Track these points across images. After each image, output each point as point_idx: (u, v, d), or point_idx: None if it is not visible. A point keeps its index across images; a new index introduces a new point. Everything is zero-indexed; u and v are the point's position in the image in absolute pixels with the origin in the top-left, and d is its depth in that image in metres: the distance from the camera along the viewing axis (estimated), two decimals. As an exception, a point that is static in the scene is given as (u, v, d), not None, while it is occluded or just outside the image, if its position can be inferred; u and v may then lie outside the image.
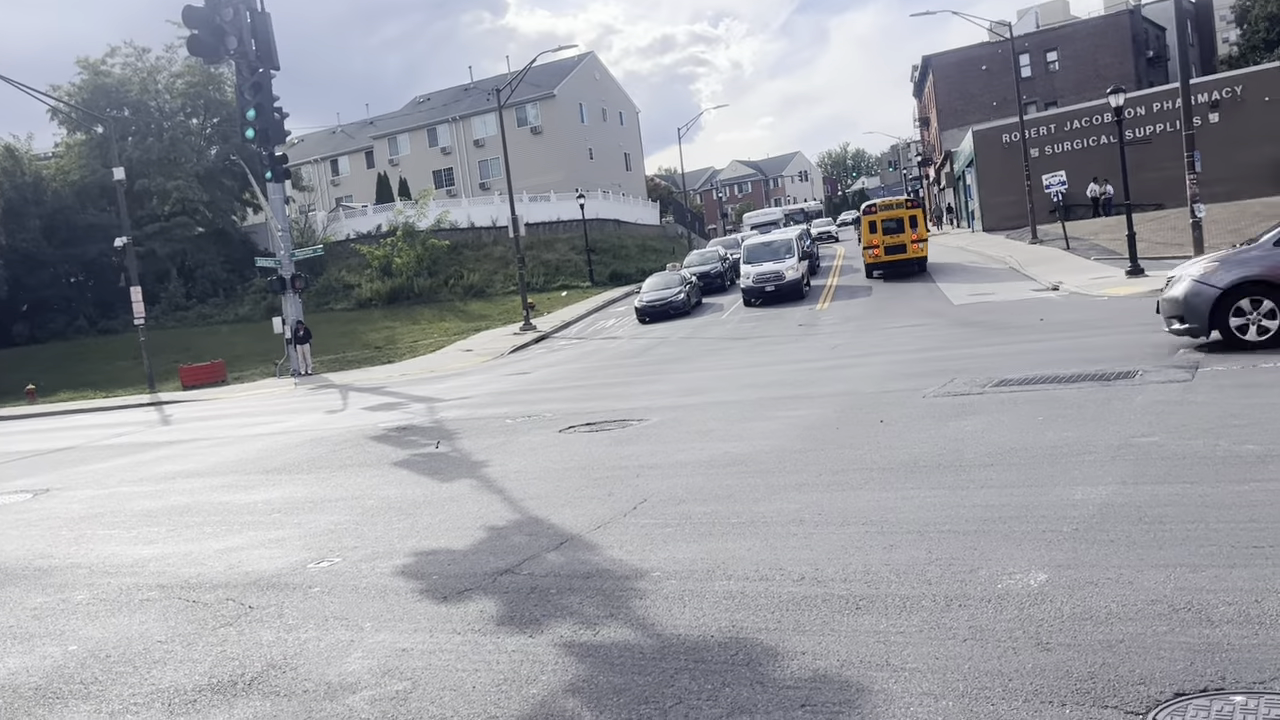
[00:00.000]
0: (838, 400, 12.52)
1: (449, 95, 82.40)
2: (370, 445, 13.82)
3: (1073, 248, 35.78)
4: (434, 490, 9.98)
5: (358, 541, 8.04)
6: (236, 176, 53.10)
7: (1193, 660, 4.15)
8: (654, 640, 5.11)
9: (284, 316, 33.48)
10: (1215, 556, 5.31)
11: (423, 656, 5.24)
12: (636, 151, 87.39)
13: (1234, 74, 48.99)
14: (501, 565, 6.82)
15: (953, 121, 68.49)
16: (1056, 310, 21.56)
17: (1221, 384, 10.23)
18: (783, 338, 24.20)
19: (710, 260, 42.83)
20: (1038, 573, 5.40)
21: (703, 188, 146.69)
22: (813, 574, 5.86)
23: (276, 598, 6.65)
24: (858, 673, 4.43)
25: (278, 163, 26.57)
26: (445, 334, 41.20)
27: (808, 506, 7.42)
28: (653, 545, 6.87)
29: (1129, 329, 16.39)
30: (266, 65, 19.06)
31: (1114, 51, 64.45)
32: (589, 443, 11.68)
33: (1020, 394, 11.21)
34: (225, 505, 10.43)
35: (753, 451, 9.84)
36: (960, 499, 7.11)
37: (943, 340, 18.83)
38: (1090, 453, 7.97)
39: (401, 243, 52.82)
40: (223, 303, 53.97)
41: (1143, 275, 25.52)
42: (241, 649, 5.69)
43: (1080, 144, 48.15)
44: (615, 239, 62.68)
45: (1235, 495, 6.36)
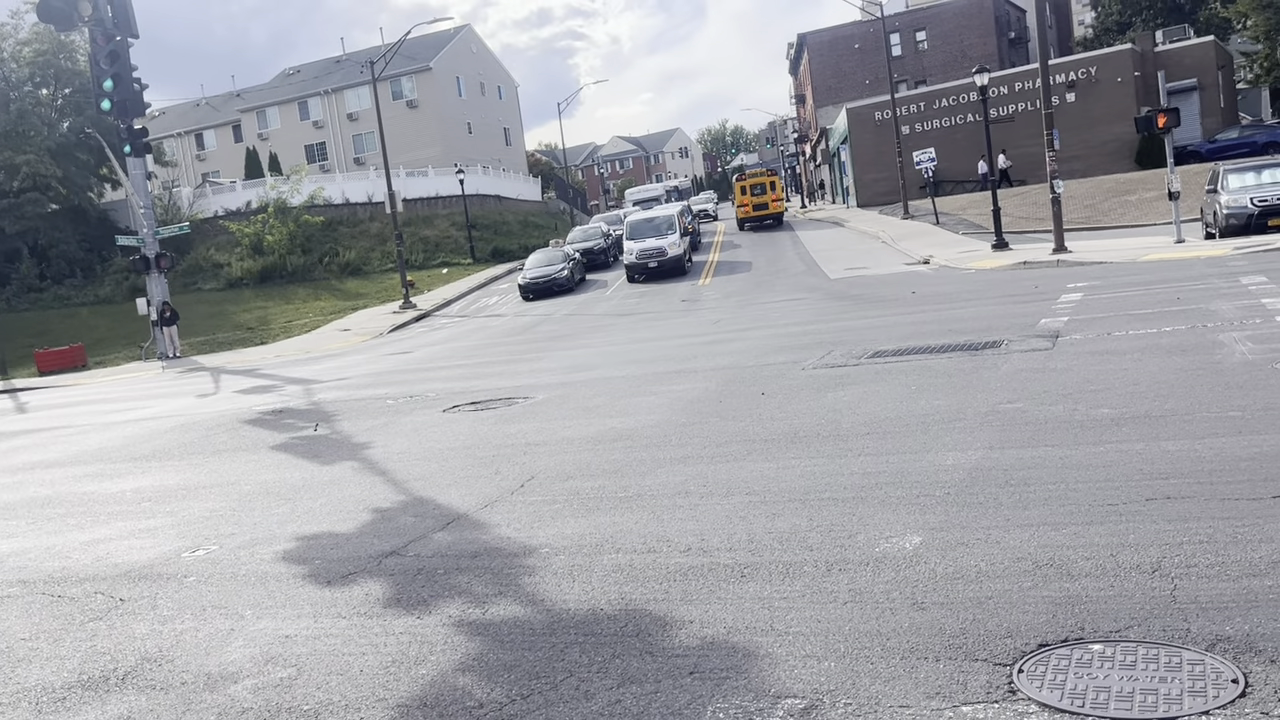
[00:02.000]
0: (720, 374, 12.72)
1: (320, 67, 79.80)
2: (245, 429, 13.40)
3: (942, 223, 37.08)
4: (314, 473, 9.76)
5: (235, 528, 7.81)
6: (93, 151, 50.31)
7: (1055, 613, 4.40)
8: (544, 616, 5.13)
9: (149, 297, 32.06)
10: (1075, 515, 5.62)
11: (307, 642, 5.14)
12: (516, 126, 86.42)
13: (1089, 55, 51.35)
14: (387, 547, 6.73)
15: (827, 99, 69.84)
16: (927, 283, 22.32)
17: (1079, 352, 10.78)
18: (666, 313, 24.40)
19: (593, 237, 42.80)
20: (913, 536, 5.62)
21: (584, 164, 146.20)
22: (699, 544, 5.96)
23: (149, 589, 6.42)
24: (744, 639, 4.54)
25: (137, 136, 25.40)
26: (321, 314, 40.12)
27: (693, 479, 7.54)
28: (541, 522, 6.88)
29: (995, 300, 17.11)
30: (124, 33, 18.12)
31: (978, 32, 66.72)
32: (474, 422, 11.59)
33: (894, 365, 11.59)
34: (90, 495, 9.97)
35: (638, 426, 9.93)
36: (839, 467, 7.33)
37: (820, 314, 19.29)
38: (960, 420, 8.32)
39: (273, 220, 51.08)
40: (81, 284, 51.25)
41: (1007, 249, 26.63)
42: (113, 643, 5.47)
43: (948, 122, 49.80)
44: (497, 215, 61.97)
45: (1092, 456, 6.73)
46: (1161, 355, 9.92)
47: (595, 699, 4.13)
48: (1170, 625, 4.15)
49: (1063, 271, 20.85)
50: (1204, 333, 10.86)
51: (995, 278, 21.73)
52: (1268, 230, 21.64)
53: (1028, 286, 18.41)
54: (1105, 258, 21.77)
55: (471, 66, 77.56)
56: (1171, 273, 17.52)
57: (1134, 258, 21.03)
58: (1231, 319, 11.55)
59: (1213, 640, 3.98)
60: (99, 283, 50.90)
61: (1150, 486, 5.92)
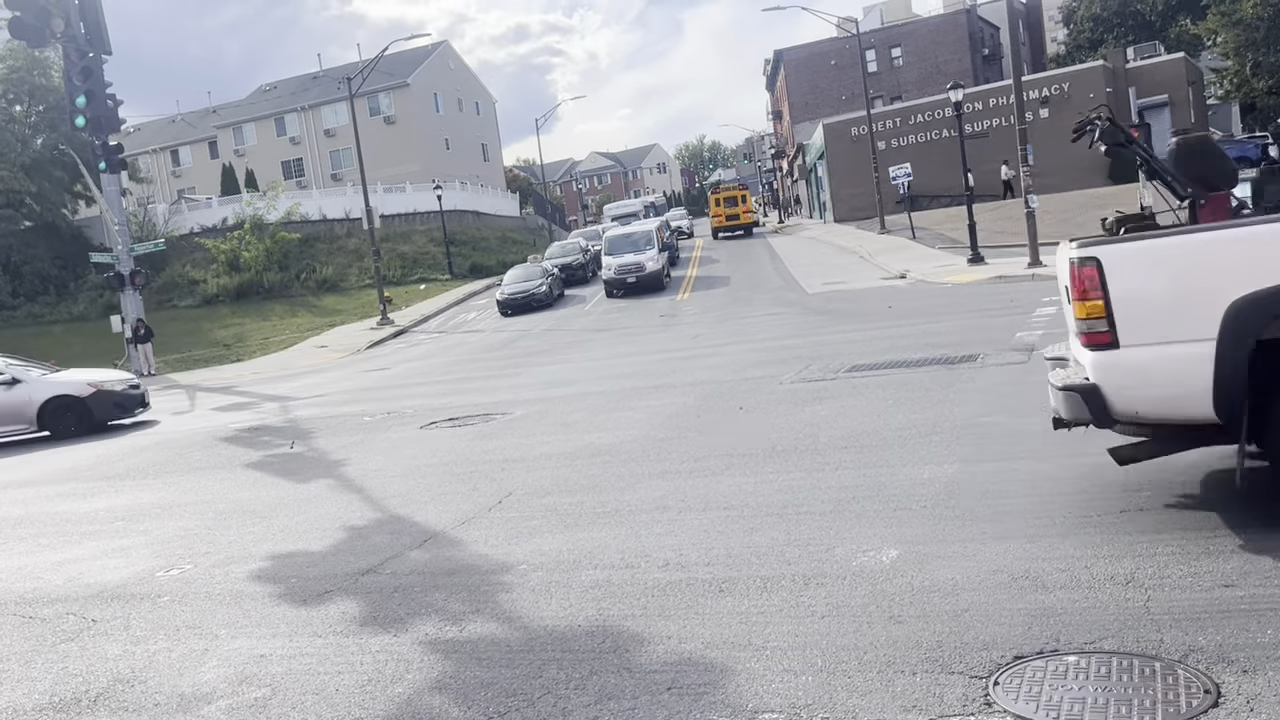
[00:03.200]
0: (699, 389, 12.74)
1: (297, 83, 79.62)
2: (221, 447, 13.29)
3: (918, 237, 37.34)
4: (290, 491, 9.69)
5: (210, 547, 7.74)
6: (67, 167, 49.97)
7: (1030, 625, 4.42)
8: (521, 633, 5.11)
9: (123, 314, 31.79)
10: (1049, 527, 5.66)
11: (282, 661, 5.10)
12: (494, 142, 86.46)
13: (1061, 72, 52.00)
14: (363, 565, 6.68)
15: (804, 115, 70.34)
16: (904, 298, 22.45)
17: (1054, 365, 10.86)
18: (645, 328, 24.43)
19: (572, 252, 42.82)
20: (890, 549, 5.64)
21: (562, 179, 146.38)
22: (677, 559, 5.96)
23: (122, 609, 6.34)
24: (722, 654, 4.54)
25: (112, 152, 25.21)
26: (298, 330, 39.89)
27: (671, 493, 7.54)
28: (518, 538, 6.85)
29: (971, 314, 17.23)
30: (97, 49, 18.03)
31: (953, 49, 67.44)
32: (451, 438, 11.54)
33: (871, 379, 11.64)
34: (63, 514, 9.86)
35: (617, 441, 9.92)
36: (817, 481, 7.35)
37: (798, 328, 19.37)
38: (937, 433, 8.36)
39: (250, 236, 50.82)
40: (55, 301, 50.76)
41: (983, 263, 26.84)
42: (85, 664, 5.40)
43: (924, 137, 50.24)
44: (475, 231, 61.90)
45: (1066, 469, 6.79)
46: (1134, 368, 10.00)
47: (573, 716, 4.11)
48: (1144, 636, 4.18)
49: (1038, 285, 21.01)
50: (1176, 345, 10.97)
51: (971, 292, 21.89)
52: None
53: (1003, 300, 18.54)
54: (1079, 272, 21.94)
55: (449, 82, 77.59)
56: (1144, 286, 17.68)
57: (1107, 271, 21.22)
58: (1203, 332, 11.66)
59: (1186, 651, 4.01)
60: (73, 300, 50.45)
61: (1125, 499, 5.98)
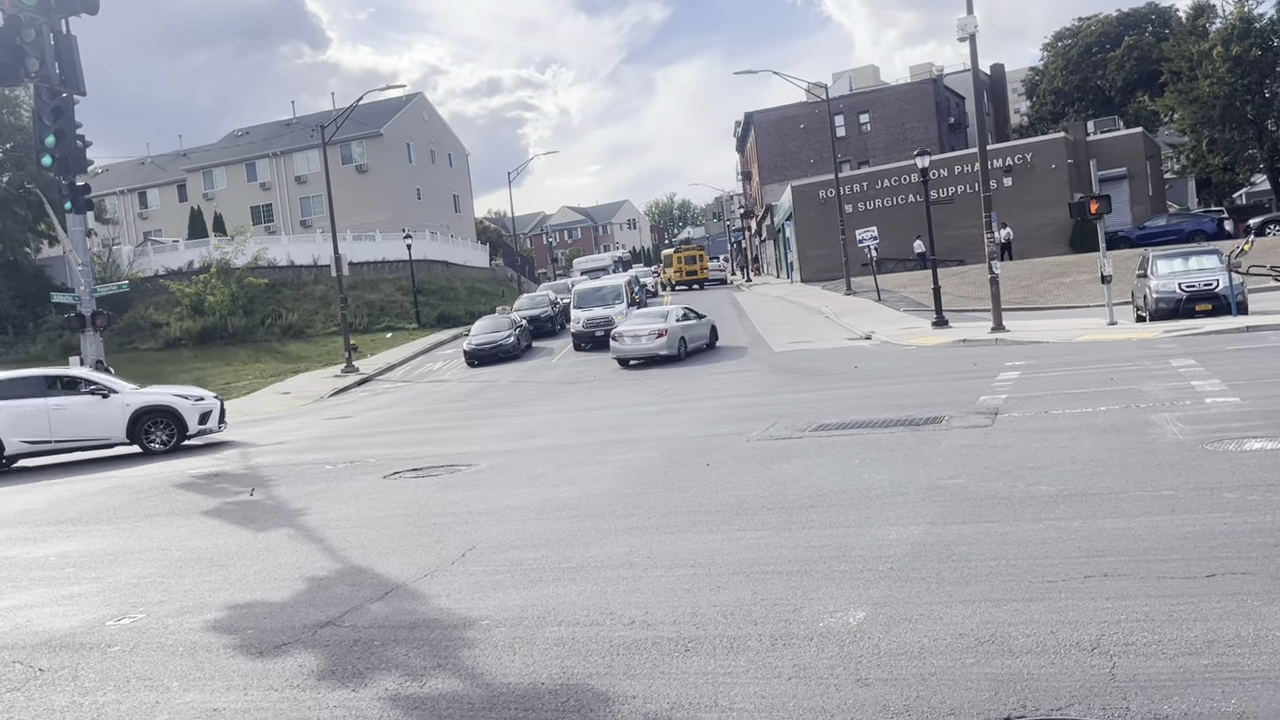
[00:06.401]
0: (666, 444, 12.72)
1: (270, 130, 79.74)
2: (177, 493, 13.05)
3: (884, 299, 37.81)
4: (248, 540, 9.51)
5: (164, 596, 7.56)
6: (31, 205, 49.47)
7: (997, 690, 4.41)
8: (483, 690, 5.01)
9: (82, 356, 31.08)
10: (1015, 591, 5.67)
11: (236, 716, 4.96)
12: (466, 194, 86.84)
13: (1025, 142, 53.27)
14: (322, 617, 6.55)
15: (773, 176, 71.36)
16: (869, 358, 22.65)
17: (1018, 429, 10.98)
18: (613, 382, 24.42)
19: (540, 304, 42.88)
20: (857, 611, 5.61)
21: (533, 232, 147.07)
22: (643, 617, 5.90)
23: (71, 658, 6.16)
24: (687, 715, 4.48)
25: (79, 193, 24.95)
26: (261, 376, 39.48)
27: (637, 549, 7.48)
28: (482, 593, 6.76)
29: (936, 377, 17.40)
30: (71, 89, 17.91)
31: (920, 116, 68.90)
32: (416, 489, 11.41)
33: (838, 438, 11.69)
34: (10, 560, 9.60)
35: (583, 496, 9.85)
36: (784, 540, 7.33)
37: (765, 386, 19.45)
38: (903, 494, 8.39)
39: (215, 280, 50.46)
40: (13, 340, 49.96)
41: (947, 327, 27.18)
42: (31, 715, 5.23)
43: (890, 201, 51.09)
44: (444, 281, 61.88)
45: (1031, 533, 6.82)
46: (1097, 434, 10.14)
47: (535, 777, 4.02)
48: (1110, 704, 4.18)
49: (1001, 350, 21.31)
50: (1137, 413, 11.14)
51: (936, 354, 22.13)
52: (1195, 315, 22.39)
53: (967, 364, 18.76)
54: (1042, 337, 22.31)
55: (423, 133, 78.05)
56: (1105, 353, 18.00)
57: (1069, 338, 21.58)
58: (1163, 400, 11.86)
59: (1152, 719, 4.01)
60: (31, 340, 49.68)
61: (1088, 564, 6.00)
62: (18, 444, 17.77)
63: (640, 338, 27.27)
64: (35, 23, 16.32)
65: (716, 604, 6.00)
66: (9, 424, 17.61)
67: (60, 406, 18.07)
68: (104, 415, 18.13)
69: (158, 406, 18.60)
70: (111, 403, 18.24)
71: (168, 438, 18.38)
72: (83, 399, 18.25)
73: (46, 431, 17.86)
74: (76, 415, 18.06)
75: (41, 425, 17.80)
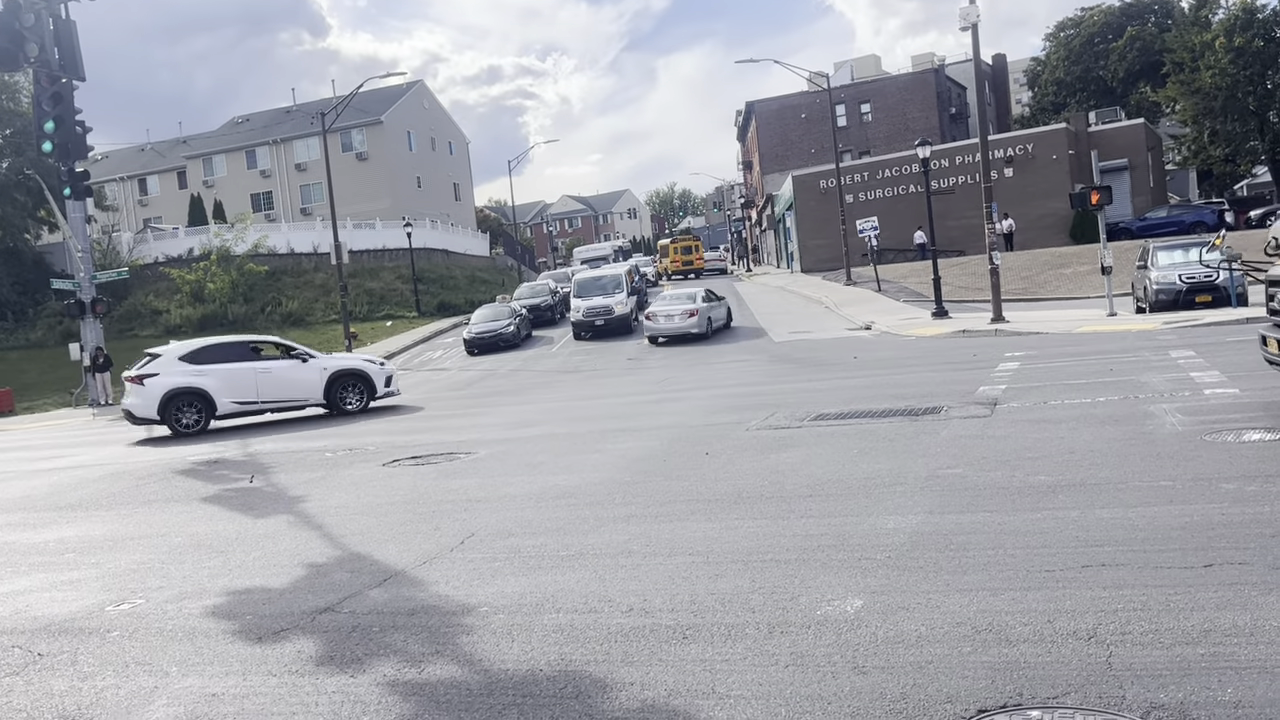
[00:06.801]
0: (665, 433, 12.72)
1: (270, 117, 79.60)
2: (177, 480, 13.07)
3: (884, 290, 37.79)
4: (248, 526, 9.52)
5: (163, 581, 7.57)
6: (31, 192, 49.42)
7: (994, 679, 4.42)
8: (481, 676, 5.03)
9: (82, 342, 31.32)
10: (1013, 580, 5.68)
11: (235, 701, 4.98)
12: (466, 182, 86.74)
13: (1026, 133, 53.18)
14: (321, 603, 6.56)
15: (774, 166, 71.27)
16: (869, 349, 22.65)
17: (1017, 419, 10.99)
18: (612, 371, 24.42)
19: (540, 293, 42.85)
20: (854, 599, 5.63)
21: (533, 221, 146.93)
22: (641, 605, 5.91)
23: (70, 643, 6.18)
24: (685, 702, 4.49)
25: (78, 179, 24.99)
26: (261, 363, 39.44)
27: (636, 538, 7.49)
28: (480, 580, 6.77)
29: (935, 367, 17.41)
30: (70, 75, 17.90)
31: (921, 106, 68.77)
32: (415, 476, 11.43)
33: (837, 428, 11.70)
34: (10, 545, 9.62)
35: (582, 484, 9.87)
36: (782, 529, 7.34)
37: (764, 375, 19.45)
38: (901, 484, 8.40)
39: (216, 267, 50.46)
40: (12, 327, 49.96)
41: (947, 317, 27.17)
42: (29, 700, 5.24)
43: (891, 192, 51.03)
44: (444, 269, 61.85)
45: (1029, 523, 6.83)
46: (1096, 425, 10.14)
47: (532, 763, 4.03)
48: (1106, 692, 4.19)
49: (1001, 341, 21.31)
50: (1136, 404, 11.15)
51: (935, 345, 22.14)
52: (1195, 306, 22.39)
53: (967, 354, 18.77)
54: (1041, 328, 22.31)
55: (423, 121, 77.90)
56: (1104, 344, 18.00)
57: (1069, 329, 21.58)
58: (1162, 391, 11.87)
59: (1148, 708, 4.02)
60: (31, 326, 49.70)
61: (1086, 553, 6.01)
62: (229, 404, 18.95)
63: (673, 317, 29.70)
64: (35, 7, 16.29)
65: (714, 592, 6.01)
66: (221, 386, 18.80)
67: (266, 370, 19.33)
68: (304, 378, 19.39)
69: (352, 370, 19.97)
70: (310, 367, 19.46)
71: (358, 399, 19.69)
72: (285, 363, 19.53)
73: (254, 393, 19.11)
74: (280, 378, 19.30)
75: (249, 387, 19.04)
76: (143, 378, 18.67)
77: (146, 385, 18.58)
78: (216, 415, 18.99)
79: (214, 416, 18.97)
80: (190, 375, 18.73)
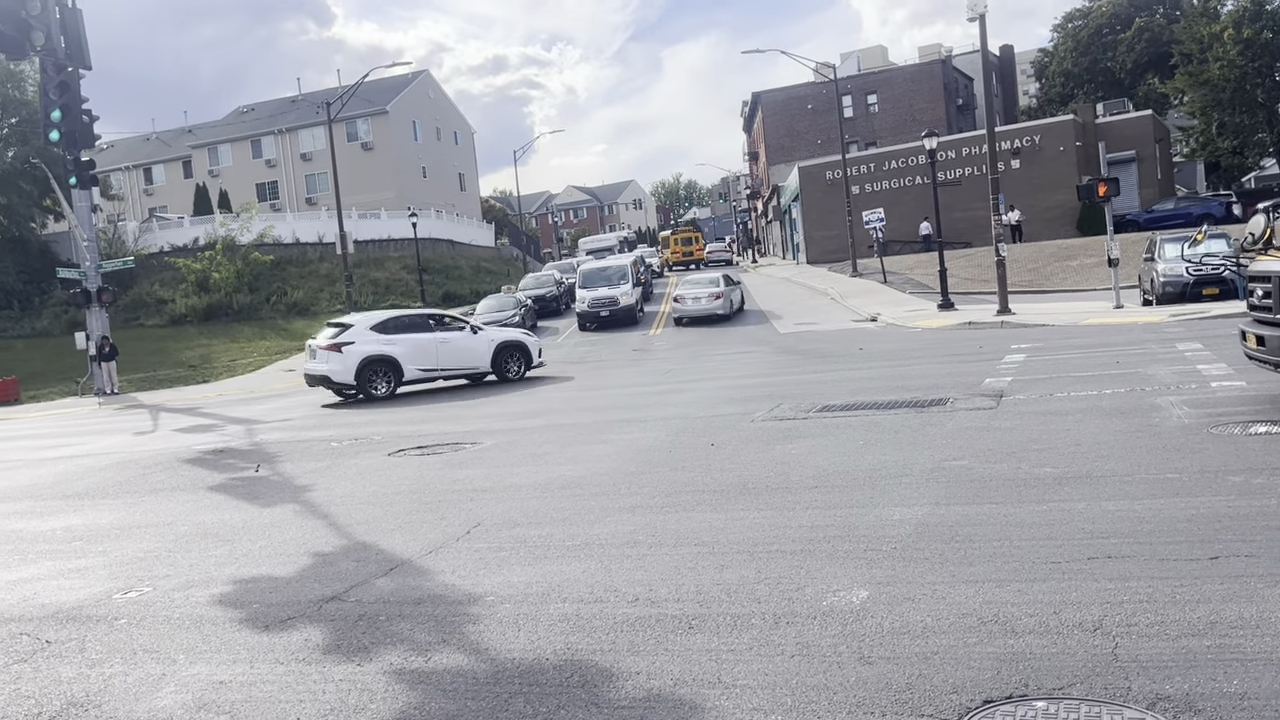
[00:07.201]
0: (670, 424, 12.73)
1: (275, 106, 79.56)
2: (184, 469, 13.10)
3: (890, 281, 37.73)
4: (254, 515, 9.55)
5: (170, 570, 7.60)
6: (37, 181, 49.46)
7: (999, 669, 4.42)
8: (488, 665, 5.04)
9: (88, 331, 31.41)
10: (1018, 572, 5.68)
11: (242, 689, 5.00)
12: (471, 172, 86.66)
13: (1033, 124, 52.98)
14: (328, 592, 6.58)
15: (780, 157, 71.11)
16: (875, 340, 22.63)
17: (1023, 411, 10.97)
18: (617, 362, 24.42)
19: (546, 284, 42.89)
20: (860, 590, 5.63)
21: (538, 211, 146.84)
22: (647, 595, 5.92)
23: (78, 631, 6.20)
24: (690, 691, 4.50)
25: (84, 168, 24.98)
26: (266, 353, 39.54)
27: (641, 528, 7.50)
28: (487, 569, 6.79)
29: (941, 359, 17.38)
30: (77, 64, 17.89)
31: (928, 97, 68.58)
32: (420, 466, 11.45)
33: (842, 419, 11.69)
34: (18, 533, 9.66)
35: (587, 474, 9.88)
36: (787, 519, 7.35)
37: (770, 367, 19.44)
38: (907, 475, 8.40)
39: (221, 257, 50.47)
40: (18, 315, 50.05)
41: (953, 309, 27.13)
42: (38, 687, 5.27)
43: (897, 183, 50.90)
44: (449, 259, 61.83)
45: (1035, 515, 6.82)
46: (1102, 417, 10.13)
47: (539, 751, 4.05)
48: (1112, 683, 4.19)
49: (1007, 333, 21.27)
50: (1142, 396, 11.12)
51: (941, 337, 22.10)
52: (1202, 299, 22.33)
53: (972, 346, 18.74)
54: (1047, 320, 22.26)
55: (428, 111, 77.81)
56: (1111, 337, 17.96)
57: (1075, 321, 21.54)
58: (1168, 384, 11.84)
59: (1153, 699, 4.03)
60: (36, 315, 49.78)
61: (1091, 545, 6.01)
62: (414, 370, 20.48)
63: (701, 299, 32.31)
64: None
65: (720, 582, 6.02)
66: (407, 354, 20.35)
67: (444, 340, 20.90)
68: (475, 348, 21.09)
69: (514, 342, 21.77)
70: (480, 338, 21.26)
71: (519, 368, 21.43)
72: (460, 334, 21.16)
73: (434, 361, 20.73)
74: (456, 348, 20.93)
75: (431, 356, 20.67)
76: (340, 345, 19.98)
77: (344, 353, 19.93)
78: (403, 381, 20.38)
79: (401, 383, 20.38)
80: (381, 344, 20.22)
